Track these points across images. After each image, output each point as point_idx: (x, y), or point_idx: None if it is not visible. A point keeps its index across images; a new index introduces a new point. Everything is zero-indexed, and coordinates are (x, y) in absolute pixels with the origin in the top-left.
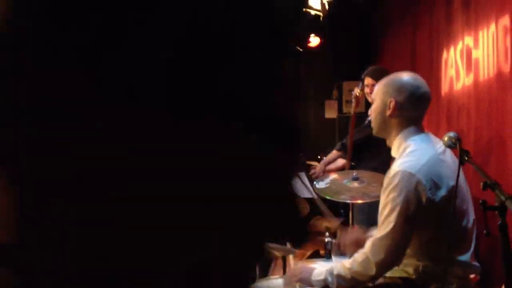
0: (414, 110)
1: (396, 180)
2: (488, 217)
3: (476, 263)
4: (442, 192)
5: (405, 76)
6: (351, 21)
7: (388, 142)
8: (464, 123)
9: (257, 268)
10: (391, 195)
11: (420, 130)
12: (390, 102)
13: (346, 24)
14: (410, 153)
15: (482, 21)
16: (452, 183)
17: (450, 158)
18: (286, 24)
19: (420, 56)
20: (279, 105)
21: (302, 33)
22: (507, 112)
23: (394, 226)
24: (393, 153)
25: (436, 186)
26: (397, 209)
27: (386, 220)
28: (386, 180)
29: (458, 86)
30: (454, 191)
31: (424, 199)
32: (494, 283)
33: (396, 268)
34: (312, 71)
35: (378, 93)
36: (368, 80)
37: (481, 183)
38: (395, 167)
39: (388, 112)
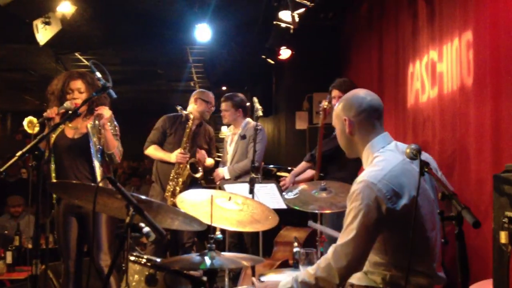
0: (367, 121)
1: (359, 189)
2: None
3: (442, 274)
4: (403, 201)
5: (351, 94)
6: (321, 34)
7: (360, 158)
8: (429, 134)
9: (226, 279)
10: (354, 203)
11: (386, 139)
12: (345, 120)
13: (316, 37)
14: (376, 163)
15: (446, 36)
16: (413, 192)
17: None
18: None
19: (386, 69)
20: None
21: (273, 45)
22: (469, 124)
23: (356, 234)
24: (364, 165)
25: (397, 195)
26: (359, 217)
27: (348, 228)
28: (352, 188)
29: (423, 99)
30: (415, 201)
31: (383, 208)
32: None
33: (364, 276)
34: (283, 83)
35: (335, 118)
36: (335, 92)
37: (440, 194)
38: (360, 176)
39: (347, 131)
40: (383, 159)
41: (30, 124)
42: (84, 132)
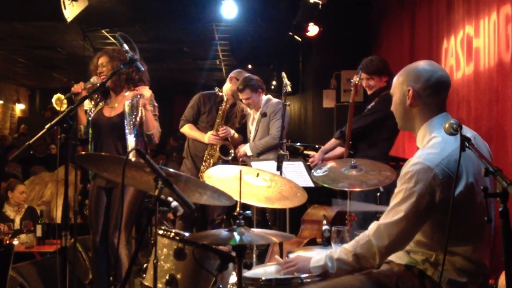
0: (433, 96)
1: (413, 171)
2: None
3: (487, 266)
4: (459, 189)
5: (420, 64)
6: (350, 10)
7: (414, 134)
8: (464, 112)
9: (254, 255)
10: (406, 185)
11: (447, 120)
12: (408, 91)
13: (344, 13)
14: (433, 145)
15: (483, 10)
16: (471, 179)
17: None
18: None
19: (419, 45)
20: None
21: (301, 22)
22: (507, 101)
23: (403, 216)
24: (418, 143)
25: (453, 182)
26: (409, 200)
27: (396, 208)
28: (404, 168)
29: (458, 76)
30: (472, 187)
31: (437, 196)
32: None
33: (405, 254)
34: (310, 60)
35: (394, 87)
36: (362, 74)
37: (483, 169)
38: (416, 158)
39: (408, 102)
40: (441, 141)
41: (58, 101)
42: (121, 111)
